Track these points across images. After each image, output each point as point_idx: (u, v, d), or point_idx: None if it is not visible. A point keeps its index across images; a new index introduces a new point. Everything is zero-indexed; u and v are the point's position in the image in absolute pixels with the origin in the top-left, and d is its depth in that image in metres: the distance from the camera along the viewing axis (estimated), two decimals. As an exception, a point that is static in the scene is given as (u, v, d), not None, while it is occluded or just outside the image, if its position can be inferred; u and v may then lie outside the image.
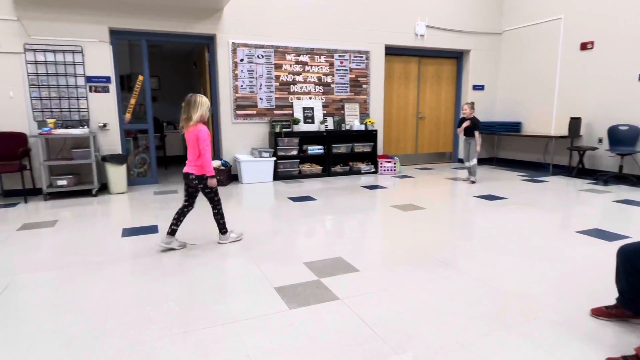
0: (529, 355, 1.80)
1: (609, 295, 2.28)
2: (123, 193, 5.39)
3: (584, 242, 3.28)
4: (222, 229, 3.25)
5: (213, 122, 6.39)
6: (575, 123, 6.48)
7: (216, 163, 5.95)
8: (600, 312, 2.10)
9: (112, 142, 5.63)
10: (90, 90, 5.46)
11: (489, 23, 7.87)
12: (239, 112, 6.23)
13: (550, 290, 2.41)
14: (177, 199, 4.93)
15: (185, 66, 9.51)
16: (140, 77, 5.83)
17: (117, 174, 5.37)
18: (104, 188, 5.60)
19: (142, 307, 2.25)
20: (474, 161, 5.93)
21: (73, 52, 5.30)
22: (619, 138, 6.03)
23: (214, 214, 3.21)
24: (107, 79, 5.50)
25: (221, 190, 5.48)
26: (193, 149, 3.00)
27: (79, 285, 2.56)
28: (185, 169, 3.08)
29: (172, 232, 3.12)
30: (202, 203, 4.26)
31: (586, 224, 3.75)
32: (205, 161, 2.99)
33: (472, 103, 5.99)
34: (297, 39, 6.46)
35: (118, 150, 5.66)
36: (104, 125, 5.55)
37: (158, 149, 7.86)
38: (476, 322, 2.06)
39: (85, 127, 5.40)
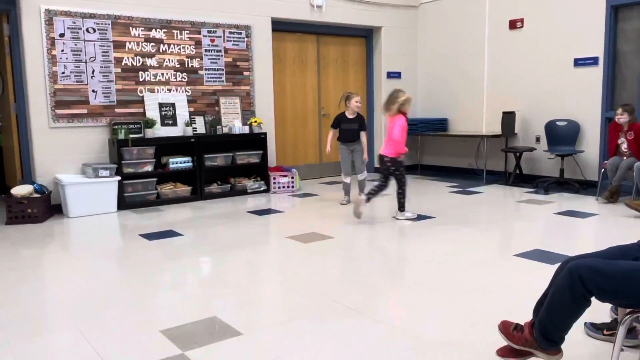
0: None
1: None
2: None
3: (523, 267, 3.64)
4: (401, 207, 5.12)
5: (19, 126, 5.88)
6: (508, 118, 7.23)
7: (26, 188, 5.48)
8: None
9: None
10: None
11: (403, -7, 8.49)
12: (60, 111, 5.83)
13: (487, 335, 2.60)
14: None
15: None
16: None
17: None
18: None
19: None
20: (365, 173, 6.07)
21: None
22: (557, 136, 6.86)
23: (398, 193, 5.10)
24: None
25: (37, 229, 5.07)
26: (391, 132, 5.02)
27: None
28: (382, 151, 5.11)
29: (367, 199, 5.02)
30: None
31: (526, 245, 4.18)
32: (396, 142, 4.96)
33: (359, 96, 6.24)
34: (147, 5, 6.29)
35: None
36: None
37: None
38: (397, 388, 2.14)
39: None
